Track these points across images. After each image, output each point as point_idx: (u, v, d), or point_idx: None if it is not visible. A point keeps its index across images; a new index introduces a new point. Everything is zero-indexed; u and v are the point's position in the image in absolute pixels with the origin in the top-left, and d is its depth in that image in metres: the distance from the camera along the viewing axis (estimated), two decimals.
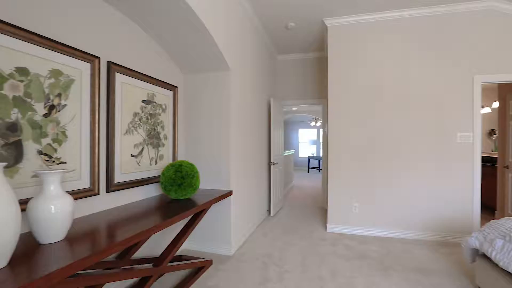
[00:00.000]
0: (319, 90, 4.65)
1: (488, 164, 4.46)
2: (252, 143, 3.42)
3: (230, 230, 2.74)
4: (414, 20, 3.23)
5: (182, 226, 2.23)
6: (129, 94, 2.10)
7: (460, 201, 3.12)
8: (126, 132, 2.07)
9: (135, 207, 1.98)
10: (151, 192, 2.39)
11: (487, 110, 5.36)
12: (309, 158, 10.54)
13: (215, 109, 2.74)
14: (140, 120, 2.21)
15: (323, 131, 4.57)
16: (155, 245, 2.42)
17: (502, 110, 3.96)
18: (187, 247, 2.89)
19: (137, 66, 2.19)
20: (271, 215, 4.09)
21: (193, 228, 2.16)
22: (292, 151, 7.07)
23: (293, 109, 8.68)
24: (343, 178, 3.43)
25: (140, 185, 2.23)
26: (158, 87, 2.43)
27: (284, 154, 5.85)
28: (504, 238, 1.74)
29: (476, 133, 3.08)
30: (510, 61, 3.00)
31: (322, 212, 4.40)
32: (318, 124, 10.81)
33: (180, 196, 2.18)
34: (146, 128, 2.29)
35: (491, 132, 5.41)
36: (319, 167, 10.28)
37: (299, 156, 11.87)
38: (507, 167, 3.72)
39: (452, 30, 3.13)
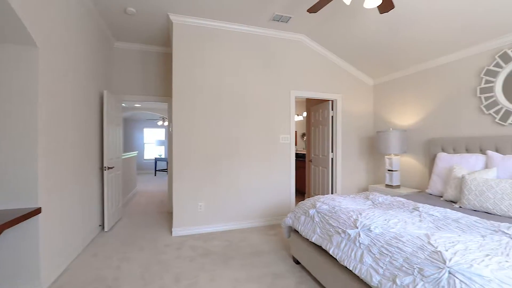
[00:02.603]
0: (164, 87, 4.55)
1: (301, 159, 6.03)
2: (74, 143, 2.82)
3: (39, 259, 2.13)
4: (250, 36, 3.81)
5: None
6: None
7: (283, 190, 4.01)
8: None
9: None
10: None
11: (300, 118, 7.21)
12: (156, 160, 10.10)
13: (12, 97, 2.04)
14: None
15: (169, 131, 4.51)
16: None
17: (308, 118, 5.45)
18: None
19: None
20: (106, 229, 3.56)
21: None
22: (135, 153, 6.50)
23: (136, 105, 7.99)
24: (188, 179, 3.52)
25: None
26: None
27: (124, 157, 5.28)
28: (305, 214, 2.39)
29: (292, 135, 4.06)
30: (312, 83, 4.18)
31: (168, 217, 4.32)
32: (166, 123, 10.56)
33: None
34: None
35: (303, 135, 7.32)
36: (167, 169, 10.05)
37: (145, 158, 11.11)
38: (311, 161, 5.16)
39: (277, 51, 3.96)
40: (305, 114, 6.92)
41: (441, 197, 2.94)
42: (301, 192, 5.90)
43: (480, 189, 2.34)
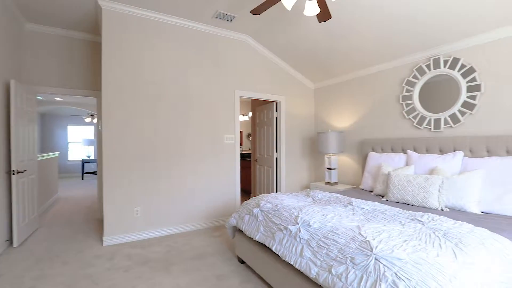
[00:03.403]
0: (93, 80, 4.13)
1: (247, 159, 6.14)
2: None
3: None
4: (193, 32, 3.72)
5: None
6: None
7: (228, 190, 4.03)
8: None
9: None
10: None
11: (246, 118, 7.32)
12: (84, 162, 9.11)
13: None
14: None
15: (98, 129, 4.12)
16: None
17: (253, 119, 5.58)
18: None
19: None
20: (15, 244, 3.07)
21: None
22: (56, 154, 5.75)
23: (57, 99, 7.08)
24: (122, 181, 3.28)
25: None
26: None
27: (41, 158, 4.64)
28: (249, 213, 2.45)
29: (237, 135, 4.11)
30: (257, 83, 4.30)
31: (98, 224, 3.94)
32: (96, 120, 9.60)
33: None
34: None
35: (249, 135, 7.46)
36: (97, 171, 9.14)
37: (69, 159, 9.91)
38: (256, 160, 5.29)
39: (222, 49, 3.96)
40: (250, 114, 7.07)
41: (372, 192, 3.33)
42: (247, 191, 6.01)
43: (401, 184, 2.72)
